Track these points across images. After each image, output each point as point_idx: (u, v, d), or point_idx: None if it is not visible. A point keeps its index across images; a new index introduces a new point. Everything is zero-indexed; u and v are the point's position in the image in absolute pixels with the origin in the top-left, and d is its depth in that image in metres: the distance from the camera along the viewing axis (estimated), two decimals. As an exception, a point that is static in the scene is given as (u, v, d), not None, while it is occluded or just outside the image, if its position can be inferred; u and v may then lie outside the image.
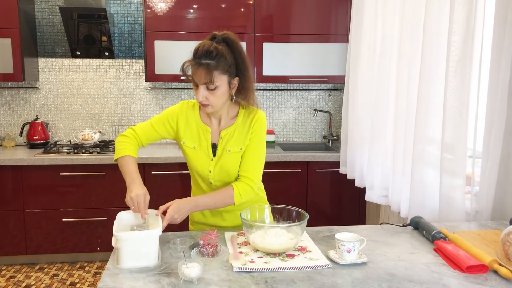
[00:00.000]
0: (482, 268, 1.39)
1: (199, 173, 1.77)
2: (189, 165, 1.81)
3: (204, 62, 1.57)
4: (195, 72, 1.60)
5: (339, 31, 3.68)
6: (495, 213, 2.06)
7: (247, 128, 1.74)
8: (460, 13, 2.03)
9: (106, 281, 1.32)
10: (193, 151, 1.76)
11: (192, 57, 1.62)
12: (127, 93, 3.91)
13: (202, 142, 1.75)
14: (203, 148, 1.75)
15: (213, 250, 1.48)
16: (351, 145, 3.29)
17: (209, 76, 1.58)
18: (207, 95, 1.61)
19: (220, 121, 1.76)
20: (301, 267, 1.41)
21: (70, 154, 3.39)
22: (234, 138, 1.74)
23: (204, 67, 1.57)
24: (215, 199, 1.70)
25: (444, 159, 2.17)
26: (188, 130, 1.76)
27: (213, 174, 1.75)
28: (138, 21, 3.85)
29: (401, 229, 1.79)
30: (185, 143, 1.76)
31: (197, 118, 1.76)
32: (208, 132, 1.75)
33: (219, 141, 1.75)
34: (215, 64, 1.58)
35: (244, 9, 3.58)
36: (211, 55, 1.58)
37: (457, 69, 2.06)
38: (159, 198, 3.43)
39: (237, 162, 1.74)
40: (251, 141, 1.74)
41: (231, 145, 1.73)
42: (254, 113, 1.75)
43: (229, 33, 1.65)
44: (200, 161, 1.75)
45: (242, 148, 1.74)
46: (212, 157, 1.75)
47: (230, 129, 1.74)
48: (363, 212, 3.73)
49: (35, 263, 3.51)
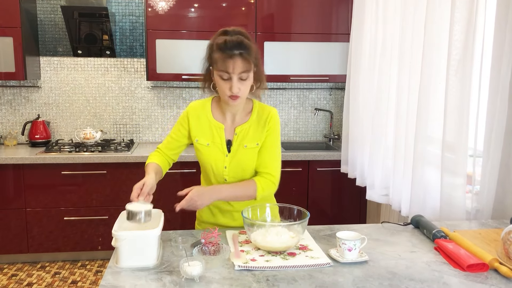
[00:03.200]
0: (483, 266, 1.39)
1: (213, 170, 1.78)
2: (202, 163, 1.81)
3: (238, 52, 1.59)
4: (230, 64, 1.60)
5: (340, 30, 3.68)
6: (496, 212, 2.07)
7: (262, 125, 1.77)
8: (461, 12, 2.04)
9: (108, 279, 1.32)
10: (206, 148, 1.77)
11: (220, 51, 1.61)
12: (129, 92, 3.92)
13: (216, 139, 1.77)
14: (217, 145, 1.77)
15: (214, 248, 1.48)
16: (352, 144, 3.29)
17: (247, 64, 1.61)
18: (240, 86, 1.64)
19: (235, 117, 1.78)
20: (302, 265, 1.42)
21: (71, 153, 3.39)
22: (250, 134, 1.77)
23: (239, 56, 1.59)
24: (237, 190, 1.74)
25: (445, 158, 2.17)
26: (200, 128, 1.78)
27: (228, 170, 1.77)
28: (140, 20, 3.85)
29: (401, 228, 1.79)
30: (198, 140, 1.78)
31: (209, 115, 1.79)
32: (221, 129, 1.77)
33: (234, 137, 1.77)
34: (248, 53, 1.61)
35: (245, 8, 3.58)
36: (242, 45, 1.60)
37: (458, 68, 2.06)
38: (160, 197, 3.42)
39: (253, 158, 1.77)
40: (268, 138, 1.77)
41: (248, 141, 1.76)
42: (268, 110, 1.79)
43: (239, 28, 1.69)
44: (214, 158, 1.77)
45: (259, 144, 1.77)
46: (227, 153, 1.77)
47: (245, 126, 1.77)
48: (364, 211, 3.74)
49: (37, 262, 3.52)
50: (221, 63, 1.61)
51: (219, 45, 1.61)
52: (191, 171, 3.40)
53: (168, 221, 3.56)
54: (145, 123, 3.98)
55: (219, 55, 1.61)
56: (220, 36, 1.65)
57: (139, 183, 1.61)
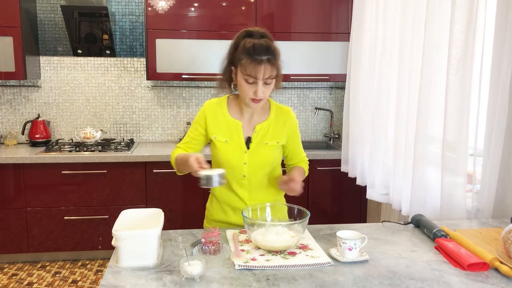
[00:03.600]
0: (483, 266, 1.39)
1: (232, 166, 1.80)
2: (219, 159, 1.82)
3: (266, 58, 1.61)
4: (256, 70, 1.62)
5: (340, 29, 3.68)
6: (496, 211, 2.07)
7: (282, 124, 1.83)
8: (462, 11, 2.03)
9: (108, 278, 1.32)
10: (225, 145, 1.79)
11: (248, 55, 1.62)
12: (129, 92, 3.92)
13: (234, 136, 1.80)
14: (235, 142, 1.79)
15: (215, 248, 1.48)
16: (352, 143, 3.29)
17: (274, 70, 1.64)
18: (264, 90, 1.67)
19: (253, 115, 1.82)
20: (302, 264, 1.42)
21: (71, 152, 3.39)
22: (270, 132, 1.82)
23: (267, 62, 1.62)
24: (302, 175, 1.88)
25: (445, 157, 2.17)
26: (217, 125, 1.80)
27: (247, 166, 1.80)
28: (140, 20, 3.85)
29: (402, 227, 1.79)
30: (216, 138, 1.80)
31: (225, 113, 1.81)
32: (239, 126, 1.80)
33: (254, 134, 1.80)
34: (274, 58, 1.64)
35: (245, 7, 3.58)
36: (270, 50, 1.63)
37: (459, 67, 2.06)
38: (161, 196, 3.43)
39: (272, 155, 1.83)
40: (293, 136, 1.88)
41: (268, 138, 1.81)
42: (286, 110, 1.87)
43: (262, 29, 1.71)
44: (233, 154, 1.79)
45: (279, 142, 1.83)
46: (246, 149, 1.79)
47: (265, 124, 1.81)
48: (364, 210, 3.74)
49: (37, 261, 3.52)
50: (249, 68, 1.62)
51: (247, 49, 1.63)
52: (191, 170, 3.40)
53: (168, 220, 3.57)
54: (145, 122, 3.98)
55: (246, 59, 1.63)
56: (247, 39, 1.66)
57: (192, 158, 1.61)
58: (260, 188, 1.85)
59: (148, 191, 3.43)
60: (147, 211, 1.61)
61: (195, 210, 3.47)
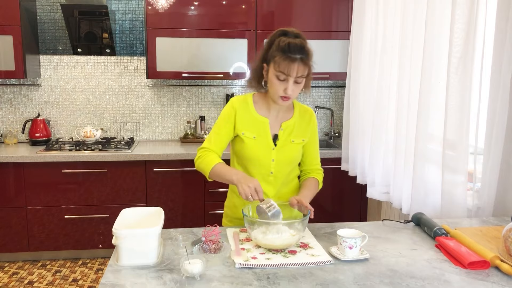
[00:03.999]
0: (484, 264, 1.39)
1: (260, 162, 1.82)
2: (246, 155, 1.82)
3: (300, 57, 1.65)
4: (289, 66, 1.65)
5: (341, 28, 3.67)
6: (497, 210, 2.06)
7: (306, 123, 1.89)
8: (462, 9, 2.03)
9: (108, 277, 1.32)
10: (253, 141, 1.81)
11: (283, 52, 1.66)
12: (129, 90, 3.92)
13: (261, 133, 1.82)
14: (263, 138, 1.82)
15: (215, 246, 1.48)
16: (353, 142, 3.29)
17: (306, 69, 1.68)
18: (294, 88, 1.70)
19: (279, 113, 1.85)
20: (303, 263, 1.42)
21: (72, 151, 3.39)
22: (296, 130, 1.86)
23: (300, 61, 1.65)
24: (313, 192, 1.87)
25: (446, 155, 2.17)
26: (245, 122, 1.82)
27: (275, 163, 1.82)
28: (140, 18, 3.85)
29: (402, 226, 1.79)
30: (244, 134, 1.82)
31: (252, 110, 1.83)
32: (267, 123, 1.83)
33: (280, 132, 1.84)
34: (307, 58, 1.68)
35: (245, 6, 3.57)
36: (304, 50, 1.67)
37: (459, 65, 2.06)
38: (161, 195, 3.43)
39: (298, 152, 1.88)
40: (313, 137, 1.92)
41: (294, 136, 1.85)
42: (309, 109, 1.92)
43: (296, 30, 1.75)
44: (261, 151, 1.81)
45: (304, 140, 1.88)
46: (274, 146, 1.82)
47: (291, 122, 1.86)
48: (364, 209, 3.74)
49: (38, 260, 3.53)
50: (282, 65, 1.66)
51: (282, 47, 1.66)
52: (191, 169, 3.40)
53: (169, 219, 3.58)
54: (145, 121, 3.98)
55: (280, 56, 1.66)
56: (282, 37, 1.70)
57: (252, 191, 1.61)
58: (285, 185, 1.89)
59: (148, 190, 3.43)
60: (148, 210, 1.60)
61: (196, 209, 3.47)
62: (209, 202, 3.48)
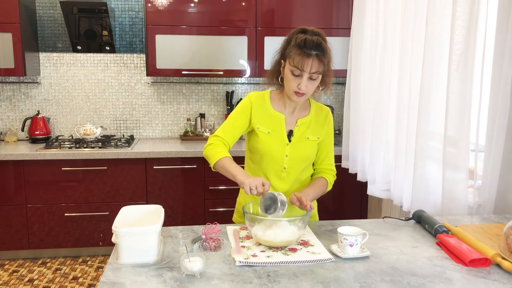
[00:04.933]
0: (485, 261, 1.39)
1: (273, 158, 1.82)
2: (260, 150, 1.83)
3: (315, 53, 1.66)
4: (304, 62, 1.66)
5: (341, 25, 3.66)
6: (498, 207, 2.06)
7: (322, 121, 1.89)
8: (463, 6, 2.02)
9: (108, 275, 1.32)
10: (267, 136, 1.82)
11: (299, 48, 1.67)
12: (129, 88, 3.91)
13: (276, 128, 1.83)
14: (277, 134, 1.83)
15: (215, 244, 1.48)
16: (353, 139, 3.28)
17: (320, 66, 1.68)
18: (307, 85, 1.70)
19: (295, 110, 1.86)
20: (303, 261, 1.41)
21: (72, 149, 3.39)
22: (312, 128, 1.86)
23: (315, 57, 1.66)
24: (319, 191, 1.85)
25: (447, 153, 2.16)
26: (261, 116, 1.83)
27: (288, 159, 1.83)
28: (139, 15, 3.84)
29: (403, 223, 1.78)
30: (259, 128, 1.82)
31: (268, 106, 1.85)
32: (282, 119, 1.83)
33: (295, 128, 1.84)
34: (323, 55, 1.68)
35: (245, 3, 3.56)
36: (320, 47, 1.67)
37: (460, 63, 2.05)
38: (161, 193, 3.43)
39: (313, 149, 1.87)
40: (328, 136, 1.91)
41: (309, 133, 1.86)
42: (325, 108, 1.93)
43: (317, 29, 1.75)
44: (275, 146, 1.82)
45: (320, 138, 1.88)
46: (288, 142, 1.82)
47: (307, 119, 1.86)
48: (365, 206, 3.74)
49: (38, 258, 3.53)
50: (297, 59, 1.67)
51: (298, 43, 1.68)
52: (191, 166, 3.39)
53: (169, 217, 3.57)
54: (145, 119, 3.97)
55: (296, 51, 1.68)
56: (300, 34, 1.71)
57: (258, 183, 1.60)
58: (297, 182, 1.88)
59: (148, 188, 3.42)
60: (148, 208, 1.60)
61: (196, 207, 3.47)
62: (209, 200, 3.47)
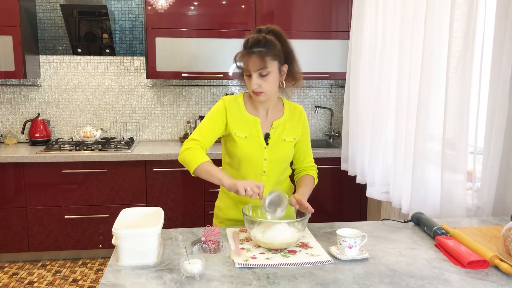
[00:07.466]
0: (483, 263, 1.39)
1: (252, 162, 1.81)
2: (239, 155, 1.81)
3: (256, 50, 1.68)
4: (247, 61, 1.69)
5: (340, 28, 3.68)
6: (496, 209, 2.07)
7: (296, 121, 1.89)
8: (461, 9, 2.03)
9: (108, 277, 1.32)
10: (245, 141, 1.81)
11: (243, 49, 1.72)
12: (128, 90, 3.92)
13: (253, 132, 1.82)
14: (254, 137, 1.82)
15: (215, 246, 1.48)
16: (352, 141, 3.29)
17: (262, 62, 1.68)
18: (260, 83, 1.71)
19: (268, 112, 1.85)
20: (302, 263, 1.42)
21: (72, 151, 3.39)
22: (287, 129, 1.86)
23: (256, 54, 1.67)
24: (310, 189, 1.87)
25: (445, 155, 2.17)
26: (237, 121, 1.82)
27: (267, 162, 1.82)
28: (139, 18, 3.85)
29: (402, 225, 1.79)
30: (236, 133, 1.81)
31: (243, 110, 1.84)
32: (258, 123, 1.83)
33: (271, 130, 1.84)
34: (266, 51, 1.68)
35: (245, 6, 3.57)
36: (260, 43, 1.69)
37: (458, 65, 2.06)
38: (161, 195, 3.43)
39: (290, 151, 1.88)
40: (305, 134, 1.92)
41: (286, 135, 1.85)
42: (298, 107, 1.93)
43: (273, 26, 1.76)
44: (253, 150, 1.81)
45: (296, 138, 1.88)
46: (265, 145, 1.82)
47: (282, 120, 1.86)
48: (364, 208, 3.74)
49: (38, 260, 3.53)
50: (241, 60, 1.71)
51: (244, 43, 1.71)
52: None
53: (169, 219, 3.58)
54: (145, 121, 3.98)
55: (241, 52, 1.72)
56: (250, 35, 1.73)
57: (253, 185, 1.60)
58: (278, 185, 1.88)
59: (148, 190, 3.43)
60: (147, 210, 1.61)
61: (195, 209, 3.47)
62: (209, 202, 3.48)
